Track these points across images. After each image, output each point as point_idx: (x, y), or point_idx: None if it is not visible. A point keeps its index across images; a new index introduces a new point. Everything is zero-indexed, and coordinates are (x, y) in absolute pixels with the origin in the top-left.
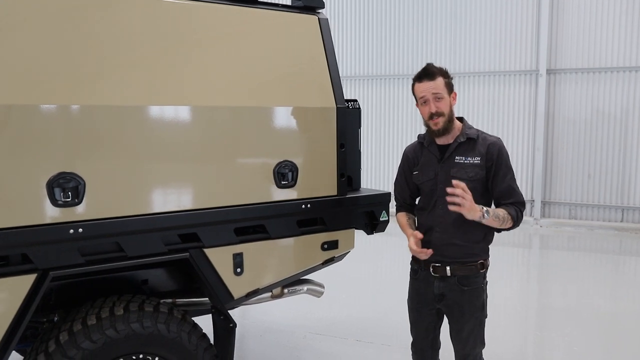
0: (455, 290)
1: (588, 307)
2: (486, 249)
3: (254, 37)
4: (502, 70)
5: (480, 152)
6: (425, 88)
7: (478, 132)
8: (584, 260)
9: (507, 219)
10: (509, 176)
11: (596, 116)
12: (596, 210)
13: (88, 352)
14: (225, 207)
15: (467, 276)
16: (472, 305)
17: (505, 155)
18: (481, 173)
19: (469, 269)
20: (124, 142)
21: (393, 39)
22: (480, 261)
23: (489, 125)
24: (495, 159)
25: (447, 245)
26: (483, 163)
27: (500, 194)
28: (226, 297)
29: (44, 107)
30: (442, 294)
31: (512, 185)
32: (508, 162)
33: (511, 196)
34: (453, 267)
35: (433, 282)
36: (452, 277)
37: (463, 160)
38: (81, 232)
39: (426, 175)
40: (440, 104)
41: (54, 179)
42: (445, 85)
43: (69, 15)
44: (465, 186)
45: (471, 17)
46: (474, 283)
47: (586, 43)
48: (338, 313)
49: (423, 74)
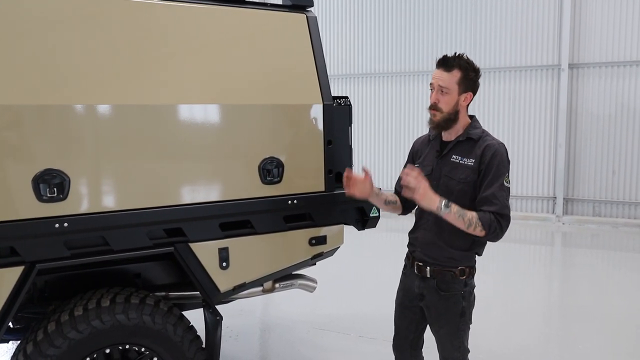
0: (433, 293)
1: (604, 306)
2: (470, 256)
3: (242, 36)
4: (524, 65)
5: (476, 154)
6: (436, 76)
7: (481, 134)
8: (607, 259)
9: (476, 224)
10: (496, 184)
11: (620, 111)
12: (621, 207)
13: (74, 342)
14: (209, 203)
15: (445, 281)
16: (449, 310)
17: (500, 160)
18: (472, 176)
19: (446, 274)
20: (108, 140)
21: (412, 34)
22: (460, 267)
23: (510, 122)
24: (487, 162)
25: (430, 245)
26: (476, 166)
27: (482, 200)
28: (213, 290)
29: (30, 107)
30: (421, 293)
31: (496, 193)
32: (501, 169)
33: (492, 204)
34: (433, 269)
35: (414, 280)
36: (432, 279)
37: (458, 160)
38: (66, 227)
39: (424, 170)
40: (442, 98)
41: (39, 175)
42: (460, 80)
43: (51, 16)
44: (420, 172)
45: (491, 11)
46: (452, 289)
47: (609, 36)
48: (341, 309)
49: (441, 61)
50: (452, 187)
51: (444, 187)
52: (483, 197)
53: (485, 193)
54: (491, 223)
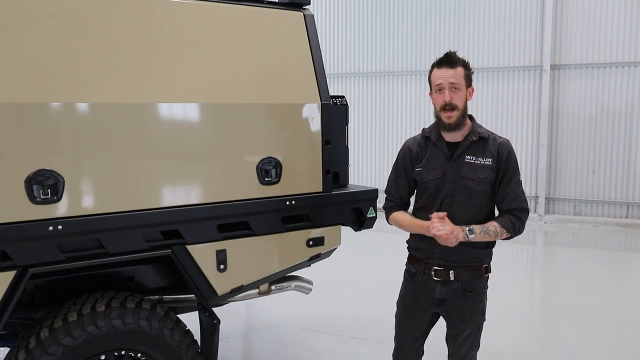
0: (458, 295)
1: (588, 304)
2: (490, 253)
3: (239, 33)
4: (506, 66)
5: (492, 152)
6: (443, 75)
7: (488, 132)
8: (588, 257)
9: (501, 233)
10: (514, 180)
11: (600, 112)
12: (601, 206)
13: (69, 349)
14: (207, 204)
15: (471, 281)
16: (473, 311)
17: (514, 158)
18: (492, 175)
19: (473, 274)
20: (103, 140)
21: (395, 34)
22: (484, 265)
23: (492, 122)
24: (504, 160)
25: (451, 249)
26: (494, 165)
27: (503, 198)
28: (210, 293)
29: (22, 105)
30: (443, 298)
31: (516, 190)
32: (516, 165)
33: (514, 202)
34: (457, 272)
35: (434, 286)
36: (455, 281)
37: (473, 161)
38: (60, 229)
39: (432, 173)
40: (455, 95)
41: (32, 176)
42: (465, 76)
43: (47, 14)
44: (445, 217)
45: (474, 12)
46: (477, 288)
47: (590, 38)
48: (333, 310)
49: (445, 59)
50: (472, 188)
51: (462, 189)
52: (504, 194)
53: (506, 190)
54: (513, 224)
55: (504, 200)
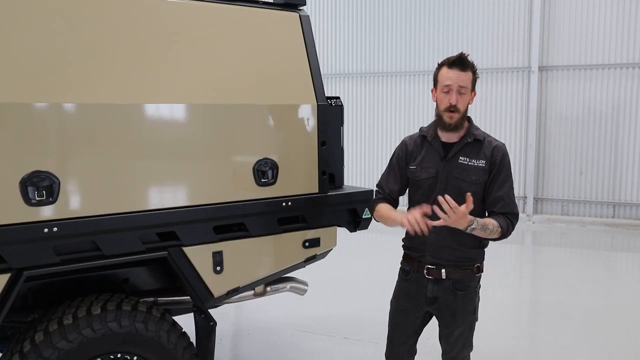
0: (449, 294)
1: (577, 303)
2: (482, 253)
3: (234, 34)
4: (495, 67)
5: (486, 155)
6: (453, 77)
7: (484, 134)
8: (576, 257)
9: (496, 231)
10: (507, 184)
11: (588, 113)
12: (588, 206)
13: (64, 352)
14: (204, 205)
15: (462, 280)
16: (465, 309)
17: (508, 162)
18: (484, 177)
19: (464, 273)
20: (99, 141)
21: (385, 36)
22: (476, 265)
23: (481, 123)
24: (498, 163)
25: (443, 248)
26: (487, 167)
27: (497, 201)
28: (206, 295)
29: (16, 105)
30: (435, 296)
31: (510, 194)
32: (509, 169)
33: (507, 206)
34: (448, 270)
35: (426, 284)
36: (447, 280)
37: (467, 162)
38: (56, 231)
39: (426, 172)
40: (461, 98)
41: (27, 177)
42: (473, 80)
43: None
44: (455, 204)
45: (463, 14)
46: (468, 287)
47: (577, 40)
48: (326, 311)
49: (457, 61)
50: (464, 189)
51: (454, 189)
52: (497, 198)
53: (499, 194)
54: (508, 226)
55: (498, 204)
